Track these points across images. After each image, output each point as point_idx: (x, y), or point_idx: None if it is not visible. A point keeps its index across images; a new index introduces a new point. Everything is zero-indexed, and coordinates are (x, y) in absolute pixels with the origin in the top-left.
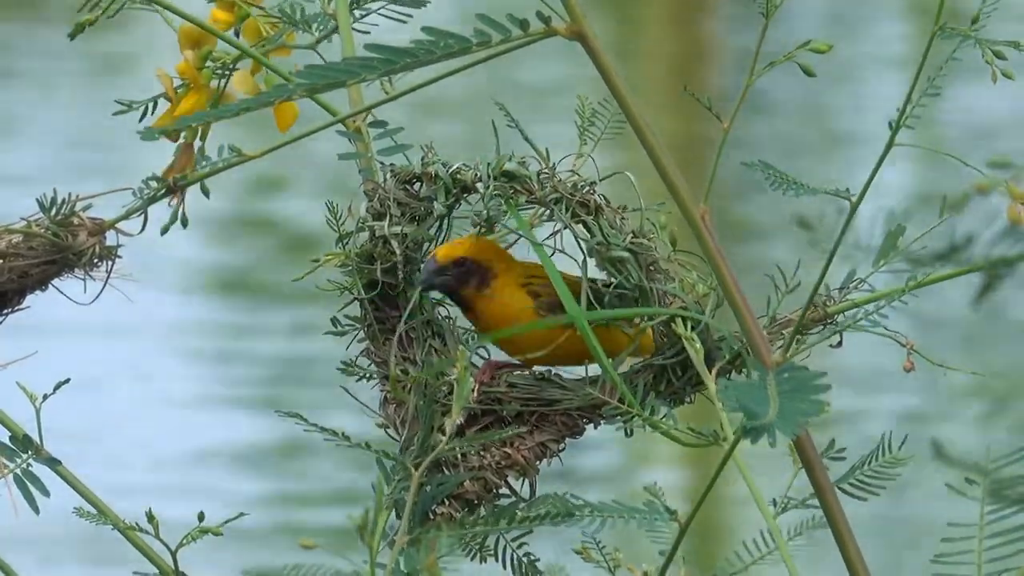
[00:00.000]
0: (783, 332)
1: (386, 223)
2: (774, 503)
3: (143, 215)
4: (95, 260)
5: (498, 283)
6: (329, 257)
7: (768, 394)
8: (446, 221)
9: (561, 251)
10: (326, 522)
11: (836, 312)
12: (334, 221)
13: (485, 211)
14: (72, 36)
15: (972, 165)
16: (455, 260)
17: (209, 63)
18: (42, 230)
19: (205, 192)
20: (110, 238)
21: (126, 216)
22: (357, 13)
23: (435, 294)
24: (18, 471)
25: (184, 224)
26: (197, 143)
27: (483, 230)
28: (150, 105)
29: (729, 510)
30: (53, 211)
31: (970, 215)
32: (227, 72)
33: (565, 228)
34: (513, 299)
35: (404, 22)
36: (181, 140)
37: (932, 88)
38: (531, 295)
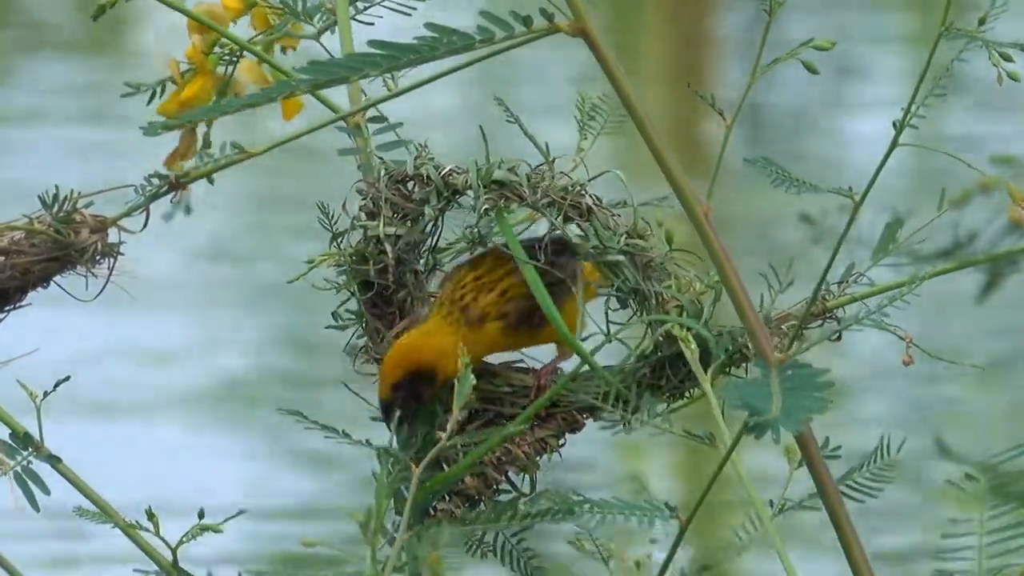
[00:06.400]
0: (782, 327)
1: (379, 223)
2: (771, 504)
3: (145, 212)
4: (97, 257)
5: (451, 358)
6: (323, 257)
7: (771, 391)
8: (438, 223)
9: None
10: None
11: (836, 306)
12: (327, 220)
13: (476, 228)
14: (95, 17)
15: (974, 166)
16: (388, 400)
17: (217, 49)
18: (44, 227)
19: (210, 179)
20: (112, 235)
21: (128, 213)
22: (360, 5)
23: None
24: (18, 468)
25: (187, 212)
26: (202, 128)
27: (473, 249)
28: (157, 89)
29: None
30: (55, 208)
31: (973, 210)
32: (234, 59)
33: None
34: (485, 331)
35: (408, 14)
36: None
37: (938, 89)
38: (498, 318)
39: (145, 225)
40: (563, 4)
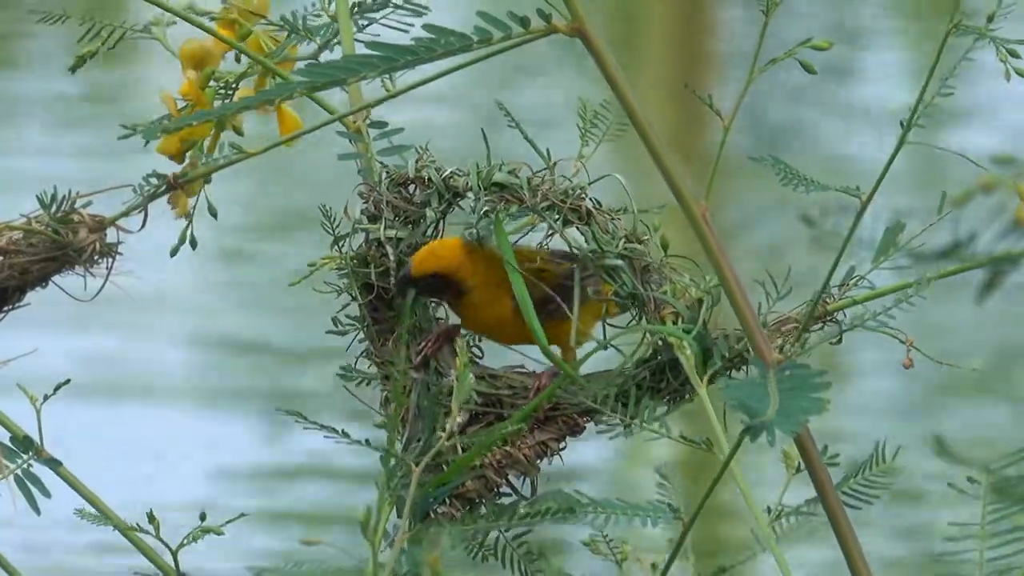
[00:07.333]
0: (782, 330)
1: (380, 226)
2: (768, 511)
3: (143, 212)
4: (95, 257)
5: (476, 291)
6: (325, 261)
7: (768, 392)
8: (439, 225)
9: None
10: None
11: (836, 309)
12: (328, 224)
13: (475, 230)
14: (73, 69)
15: (978, 163)
16: (428, 273)
17: (212, 83)
18: (42, 227)
19: (213, 213)
20: (110, 235)
21: (126, 213)
22: (360, 23)
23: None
24: (19, 472)
25: (193, 245)
26: (202, 159)
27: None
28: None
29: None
30: (53, 208)
31: (974, 210)
32: (230, 91)
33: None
34: (494, 302)
35: (406, 31)
36: (187, 160)
37: (945, 88)
38: (511, 296)
39: (143, 225)
40: (561, 5)
